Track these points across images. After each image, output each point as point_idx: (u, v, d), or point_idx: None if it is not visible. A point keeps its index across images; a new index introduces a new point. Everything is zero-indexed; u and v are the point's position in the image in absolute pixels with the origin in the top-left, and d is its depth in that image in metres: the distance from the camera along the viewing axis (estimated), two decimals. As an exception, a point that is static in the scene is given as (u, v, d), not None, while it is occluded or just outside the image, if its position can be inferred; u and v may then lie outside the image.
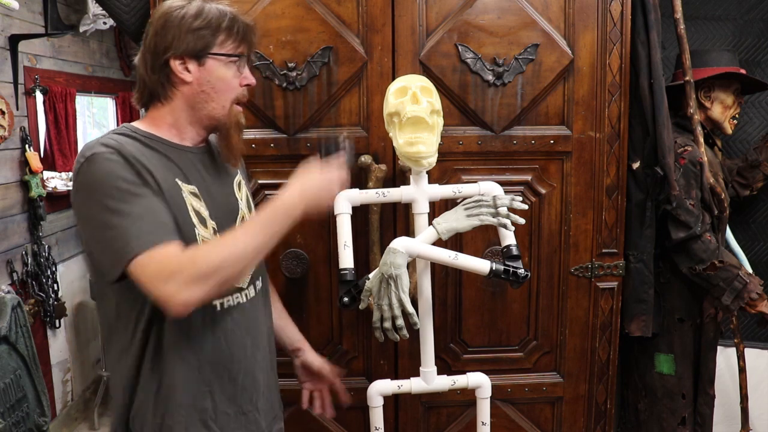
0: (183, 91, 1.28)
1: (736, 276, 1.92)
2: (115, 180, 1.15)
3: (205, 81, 1.28)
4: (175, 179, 1.25)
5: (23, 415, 2.65)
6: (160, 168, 1.23)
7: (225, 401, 1.33)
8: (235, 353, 1.34)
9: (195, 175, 1.30)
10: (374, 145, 1.83)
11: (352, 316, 1.90)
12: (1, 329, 2.55)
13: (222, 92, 1.30)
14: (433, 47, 1.81)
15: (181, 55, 1.25)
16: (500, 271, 1.53)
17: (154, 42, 1.26)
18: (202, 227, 1.27)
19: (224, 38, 1.28)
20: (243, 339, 1.36)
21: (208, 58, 1.27)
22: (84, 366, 3.69)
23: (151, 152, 1.25)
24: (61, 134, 3.43)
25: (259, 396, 1.41)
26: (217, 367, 1.32)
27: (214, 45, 1.27)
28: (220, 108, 1.31)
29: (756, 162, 2.30)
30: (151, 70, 1.27)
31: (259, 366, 1.41)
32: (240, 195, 1.43)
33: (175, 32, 1.25)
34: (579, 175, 1.89)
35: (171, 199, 1.23)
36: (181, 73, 1.26)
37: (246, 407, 1.37)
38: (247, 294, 1.38)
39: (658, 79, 1.89)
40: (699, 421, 2.14)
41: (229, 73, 1.30)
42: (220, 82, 1.29)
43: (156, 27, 1.27)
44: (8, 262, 2.99)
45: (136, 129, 1.29)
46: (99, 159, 1.16)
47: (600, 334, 1.96)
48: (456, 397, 1.93)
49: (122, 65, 4.36)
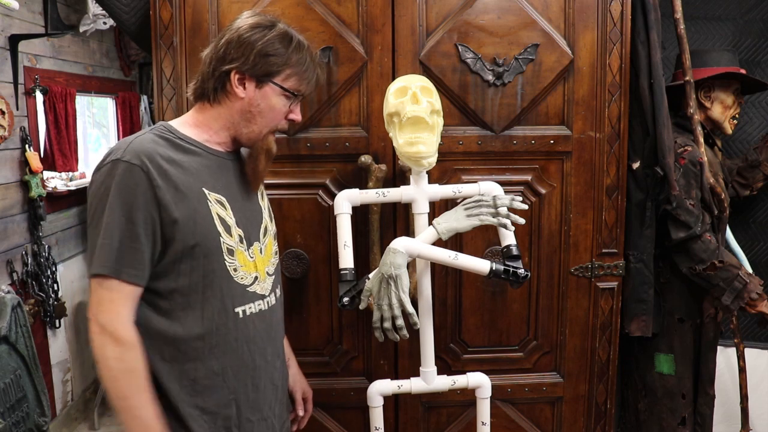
0: (233, 103, 1.31)
1: (736, 276, 1.92)
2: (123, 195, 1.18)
3: (256, 103, 1.30)
4: (201, 188, 1.27)
5: (23, 415, 2.65)
6: (188, 175, 1.25)
7: (249, 408, 1.34)
8: (257, 360, 1.35)
9: (223, 182, 1.32)
10: (374, 145, 1.83)
11: (352, 316, 1.90)
12: (1, 329, 2.55)
13: (267, 118, 1.32)
14: (433, 47, 1.81)
15: (243, 71, 1.28)
16: (500, 271, 1.53)
17: (224, 49, 1.28)
18: (227, 235, 1.29)
19: (291, 73, 1.31)
20: (264, 346, 1.37)
21: (267, 84, 1.29)
22: (84, 366, 3.69)
23: (183, 155, 1.27)
24: (61, 134, 3.42)
25: (277, 402, 1.43)
26: (241, 375, 1.32)
27: (279, 75, 1.30)
28: (258, 132, 1.33)
29: (756, 162, 2.30)
30: (212, 71, 1.30)
31: (278, 372, 1.43)
32: (263, 204, 1.45)
33: (248, 50, 1.27)
34: (579, 175, 1.89)
35: (195, 208, 1.24)
36: (237, 88, 1.29)
37: (266, 413, 1.38)
38: (268, 301, 1.39)
39: (658, 79, 1.89)
40: (699, 421, 2.14)
41: (280, 104, 1.32)
42: (269, 109, 1.32)
43: (231, 37, 1.28)
44: (8, 262, 2.98)
45: (174, 130, 1.30)
46: (121, 168, 1.19)
47: (600, 334, 1.96)
48: (456, 397, 1.93)
49: (122, 65, 4.35)
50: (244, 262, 1.32)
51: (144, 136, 1.25)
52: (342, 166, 1.84)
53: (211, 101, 1.32)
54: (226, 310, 1.29)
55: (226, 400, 1.31)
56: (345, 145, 1.83)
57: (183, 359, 1.27)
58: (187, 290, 1.25)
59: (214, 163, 1.32)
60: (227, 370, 1.30)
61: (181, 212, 1.22)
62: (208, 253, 1.25)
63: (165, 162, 1.22)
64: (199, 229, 1.24)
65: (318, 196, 1.85)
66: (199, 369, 1.27)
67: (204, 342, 1.27)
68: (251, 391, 1.34)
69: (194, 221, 1.24)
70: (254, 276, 1.35)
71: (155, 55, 1.78)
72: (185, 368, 1.27)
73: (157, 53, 1.78)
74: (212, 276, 1.27)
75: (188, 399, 1.27)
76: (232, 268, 1.30)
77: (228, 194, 1.32)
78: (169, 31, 1.77)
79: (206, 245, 1.25)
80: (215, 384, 1.29)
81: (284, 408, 1.49)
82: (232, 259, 1.30)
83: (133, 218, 1.18)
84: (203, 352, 1.27)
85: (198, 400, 1.28)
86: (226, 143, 1.35)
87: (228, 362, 1.30)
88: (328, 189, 1.85)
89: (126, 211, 1.18)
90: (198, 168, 1.28)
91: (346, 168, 1.84)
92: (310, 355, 1.89)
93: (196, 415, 1.28)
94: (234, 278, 1.30)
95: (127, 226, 1.18)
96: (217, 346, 1.28)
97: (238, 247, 1.31)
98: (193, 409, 1.28)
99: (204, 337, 1.27)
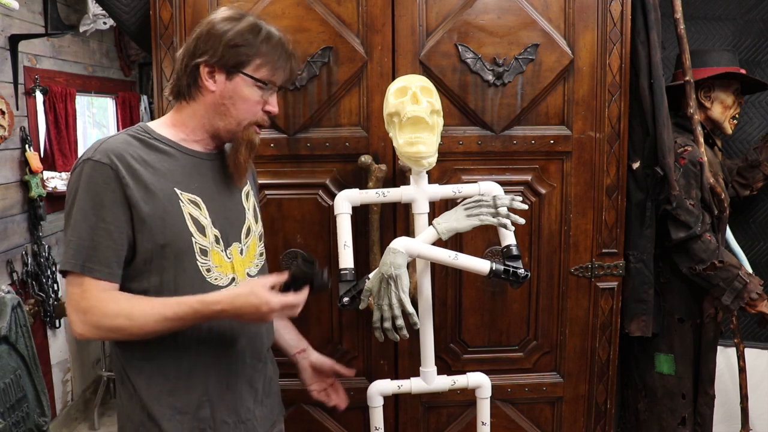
0: (205, 97, 1.30)
1: (736, 276, 1.92)
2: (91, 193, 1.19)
3: (228, 96, 1.29)
4: (173, 188, 1.26)
5: (23, 415, 2.64)
6: (159, 176, 1.25)
7: (224, 410, 1.33)
8: (233, 362, 1.34)
9: (199, 182, 1.31)
10: (374, 145, 1.83)
11: (352, 316, 1.90)
12: (1, 329, 2.55)
13: (240, 111, 1.31)
14: (433, 47, 1.81)
15: (212, 64, 1.27)
16: (500, 271, 1.53)
17: (194, 44, 1.29)
18: (201, 236, 1.28)
19: (261, 63, 1.29)
20: (242, 349, 1.36)
21: (237, 75, 1.28)
22: (84, 366, 3.69)
23: (156, 155, 1.26)
24: (61, 134, 3.43)
25: (258, 404, 1.41)
26: (213, 376, 1.32)
27: (248, 65, 1.28)
28: (235, 124, 1.31)
29: (756, 162, 2.30)
30: (183, 68, 1.30)
31: (258, 375, 1.41)
32: (248, 205, 1.43)
33: (216, 42, 1.26)
34: (579, 175, 1.89)
35: (165, 208, 1.24)
36: (207, 81, 1.28)
37: (244, 416, 1.37)
38: None
39: (658, 79, 1.89)
40: (699, 421, 2.14)
41: (253, 96, 1.30)
42: (242, 101, 1.30)
43: (201, 31, 1.29)
44: (8, 262, 2.99)
45: (150, 131, 1.30)
46: (89, 166, 1.20)
47: (600, 334, 1.96)
48: (456, 397, 1.93)
49: (122, 65, 4.36)
50: (220, 262, 1.31)
51: (117, 137, 1.26)
52: (342, 166, 1.84)
53: (186, 99, 1.31)
54: None
55: (199, 401, 1.30)
56: (345, 145, 1.83)
57: (155, 358, 1.27)
58: (158, 290, 1.24)
59: (189, 163, 1.31)
60: (201, 371, 1.30)
61: (150, 211, 1.22)
62: (179, 253, 1.25)
63: (135, 162, 1.22)
64: (169, 228, 1.24)
65: (318, 196, 1.85)
66: (171, 369, 1.27)
67: (176, 342, 1.26)
68: (227, 393, 1.33)
69: (163, 221, 1.23)
70: (231, 277, 1.33)
71: (155, 55, 1.78)
72: (158, 368, 1.27)
73: (157, 53, 1.78)
74: (183, 276, 1.26)
75: (161, 399, 1.27)
76: (205, 269, 1.28)
77: (204, 194, 1.31)
78: (169, 31, 1.77)
79: (177, 245, 1.24)
80: (188, 384, 1.29)
81: (270, 411, 1.47)
82: (206, 260, 1.28)
83: (101, 215, 1.19)
84: (175, 351, 1.27)
85: (171, 400, 1.28)
86: (204, 141, 1.34)
87: (201, 363, 1.30)
88: (328, 189, 1.85)
89: (94, 209, 1.19)
90: (170, 168, 1.27)
91: (346, 168, 1.84)
92: (310, 355, 1.89)
93: (170, 414, 1.27)
94: (207, 279, 1.29)
95: (96, 223, 1.19)
96: (190, 347, 1.28)
97: (214, 247, 1.30)
98: (166, 408, 1.27)
99: (177, 337, 1.26)
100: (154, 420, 1.27)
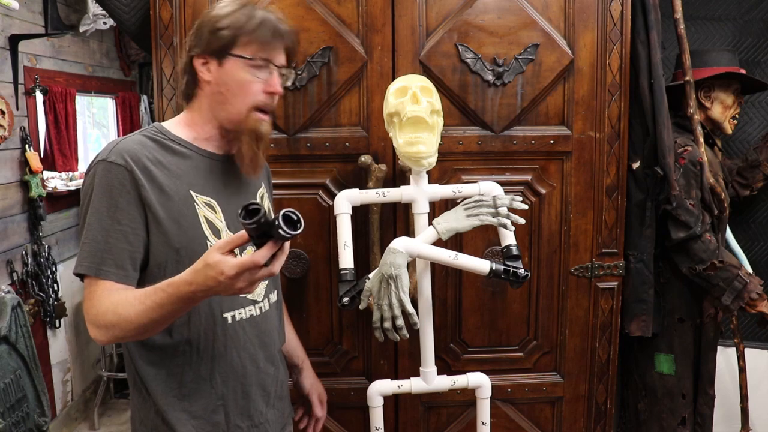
0: (204, 90, 1.29)
1: (736, 276, 1.92)
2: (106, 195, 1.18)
3: (223, 82, 1.26)
4: (189, 190, 1.25)
5: (23, 415, 2.65)
6: (174, 177, 1.24)
7: (238, 415, 1.33)
8: (248, 366, 1.34)
9: (214, 184, 1.30)
10: (374, 145, 1.83)
11: (352, 316, 1.90)
12: (1, 329, 2.56)
13: (238, 95, 1.26)
14: (433, 47, 1.81)
15: (203, 53, 1.26)
16: (500, 271, 1.53)
17: (189, 41, 1.29)
18: (216, 239, 1.26)
19: (248, 40, 1.25)
20: (255, 352, 1.35)
21: (228, 58, 1.25)
22: (84, 366, 3.69)
23: (172, 157, 1.25)
24: (61, 134, 3.43)
25: (270, 408, 1.41)
26: (230, 381, 1.31)
27: (235, 46, 1.25)
28: (236, 112, 1.27)
29: (756, 162, 2.30)
30: (183, 68, 1.30)
31: (270, 378, 1.41)
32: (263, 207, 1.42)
33: (201, 31, 1.26)
34: (579, 175, 1.89)
35: (180, 211, 1.23)
36: (201, 72, 1.27)
37: (257, 420, 1.37)
38: (261, 307, 1.37)
39: (658, 79, 1.89)
40: (699, 421, 2.14)
41: (248, 77, 1.26)
42: (237, 84, 1.26)
43: (194, 27, 1.29)
44: (8, 262, 2.98)
45: (165, 131, 1.29)
46: (104, 167, 1.19)
47: (600, 334, 1.96)
48: (456, 397, 1.93)
49: (122, 65, 4.36)
50: None
51: (132, 137, 1.25)
52: (342, 166, 1.84)
53: (192, 96, 1.31)
54: (214, 316, 1.27)
55: (213, 405, 1.29)
56: (345, 145, 1.83)
57: (170, 363, 1.26)
58: None
59: (205, 165, 1.30)
60: (215, 376, 1.29)
61: (165, 214, 1.21)
62: (194, 257, 1.20)
63: (150, 163, 1.21)
64: (185, 232, 1.22)
65: (318, 196, 1.85)
66: (187, 374, 1.26)
67: (191, 347, 1.26)
68: (240, 397, 1.33)
69: (179, 224, 1.22)
70: None
71: (155, 55, 1.78)
72: (172, 372, 1.26)
73: (157, 53, 1.78)
74: None
75: (176, 403, 1.26)
76: None
77: (219, 197, 1.29)
78: (169, 31, 1.77)
79: (192, 248, 1.22)
80: (203, 389, 1.28)
81: (281, 414, 1.46)
82: None
83: (116, 218, 1.17)
84: (191, 356, 1.26)
85: (185, 405, 1.27)
86: (214, 138, 1.32)
87: (216, 368, 1.29)
88: (328, 189, 1.85)
89: (109, 211, 1.17)
90: (186, 170, 1.26)
91: (346, 168, 1.84)
92: (311, 355, 1.88)
93: (185, 419, 1.27)
94: None
95: (111, 225, 1.17)
96: (204, 351, 1.27)
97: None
98: (180, 413, 1.27)
99: (191, 341, 1.25)
100: (168, 424, 1.26)
